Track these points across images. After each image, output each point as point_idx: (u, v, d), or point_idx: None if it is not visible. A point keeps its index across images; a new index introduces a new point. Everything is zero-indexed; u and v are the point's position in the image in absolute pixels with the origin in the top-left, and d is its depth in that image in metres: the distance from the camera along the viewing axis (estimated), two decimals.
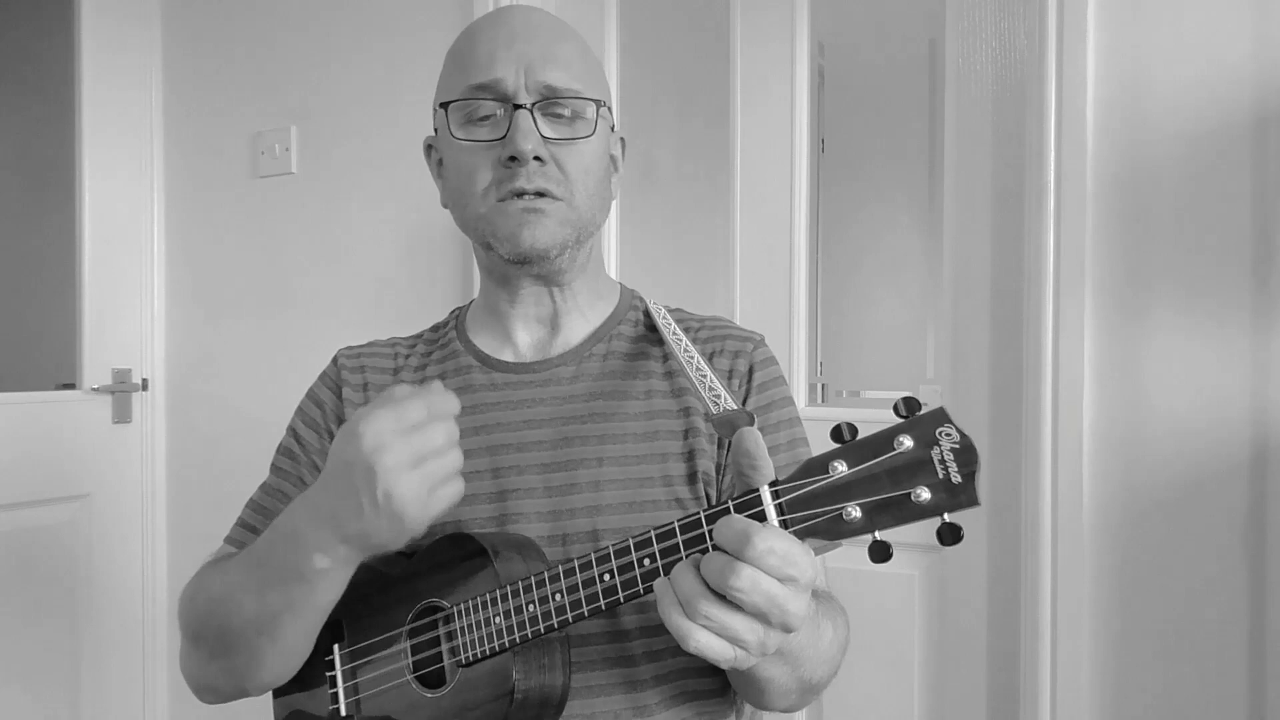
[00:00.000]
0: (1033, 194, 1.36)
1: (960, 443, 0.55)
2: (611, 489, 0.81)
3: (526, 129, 0.80)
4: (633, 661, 0.80)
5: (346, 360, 0.94)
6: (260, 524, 0.90)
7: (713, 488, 0.84)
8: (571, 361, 0.88)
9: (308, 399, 0.94)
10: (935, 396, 1.63)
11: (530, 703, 0.71)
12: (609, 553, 0.65)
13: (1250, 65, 1.23)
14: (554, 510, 0.81)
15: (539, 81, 0.82)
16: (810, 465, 0.59)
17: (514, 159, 0.81)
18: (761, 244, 1.71)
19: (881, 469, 0.57)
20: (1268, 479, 1.22)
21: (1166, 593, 1.27)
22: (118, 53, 2.08)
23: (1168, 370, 1.27)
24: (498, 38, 0.84)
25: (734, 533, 0.57)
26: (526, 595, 0.69)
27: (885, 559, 0.57)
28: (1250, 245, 1.23)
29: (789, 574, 0.56)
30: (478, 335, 0.93)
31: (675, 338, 0.86)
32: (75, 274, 2.05)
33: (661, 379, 0.87)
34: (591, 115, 0.85)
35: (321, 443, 0.91)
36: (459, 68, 0.85)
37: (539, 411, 0.86)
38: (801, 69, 1.68)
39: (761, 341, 0.91)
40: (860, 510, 0.57)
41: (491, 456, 0.84)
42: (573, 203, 0.84)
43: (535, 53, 0.83)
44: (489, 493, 0.83)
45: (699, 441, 0.84)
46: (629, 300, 0.94)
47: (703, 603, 0.57)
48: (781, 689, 0.73)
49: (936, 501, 0.55)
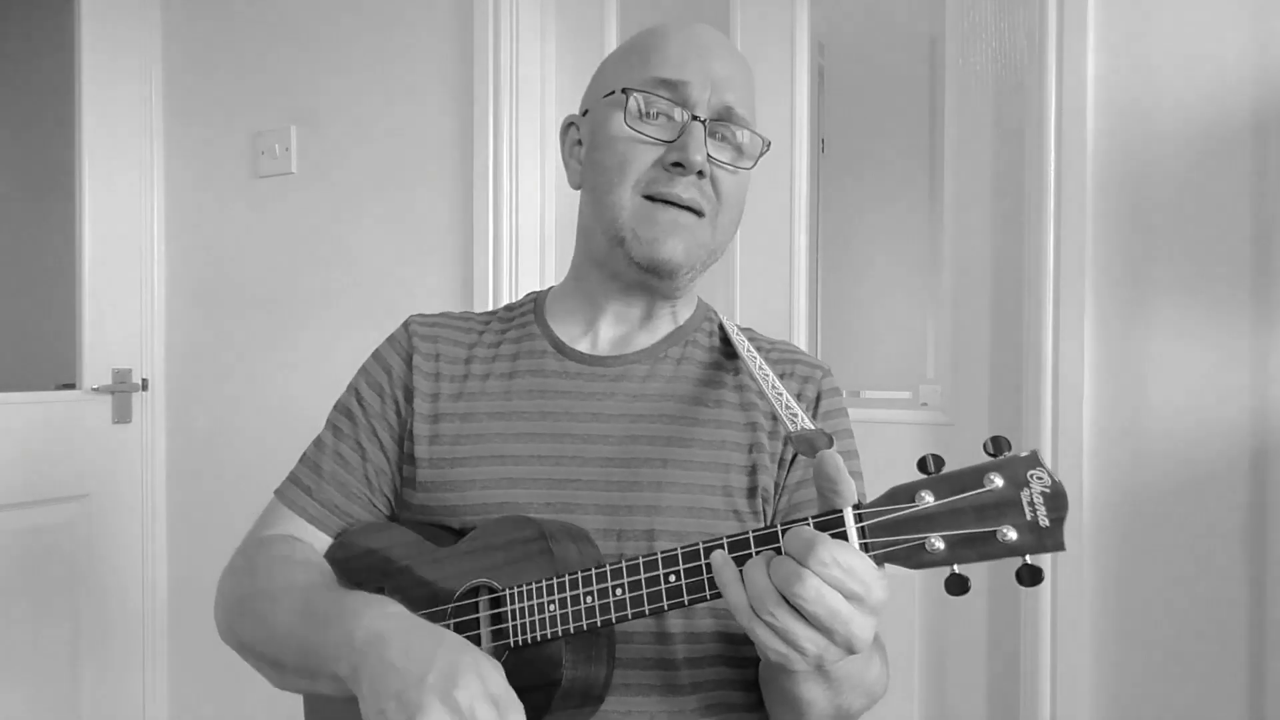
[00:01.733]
0: (1033, 194, 1.36)
1: (1051, 487, 0.56)
2: (672, 492, 0.81)
3: (699, 142, 0.81)
4: (673, 665, 0.80)
5: (420, 328, 0.93)
6: (316, 486, 0.89)
7: (770, 505, 0.84)
8: (646, 361, 0.89)
9: (374, 361, 0.93)
10: (935, 396, 1.63)
11: (574, 692, 0.71)
12: (677, 554, 0.65)
13: (1250, 65, 1.23)
14: (612, 505, 0.81)
15: (722, 101, 0.83)
16: (896, 493, 0.59)
17: (679, 165, 0.81)
18: (761, 244, 1.71)
19: (968, 504, 0.57)
20: (1268, 478, 1.22)
21: (1166, 592, 1.27)
22: (118, 53, 2.08)
23: (1167, 370, 1.27)
24: (691, 45, 0.85)
25: (802, 541, 0.57)
26: (585, 586, 0.69)
27: (963, 591, 0.58)
28: (1250, 245, 1.23)
29: (852, 589, 0.57)
30: (557, 321, 0.93)
31: (750, 354, 0.87)
32: (75, 274, 2.05)
33: (732, 391, 0.88)
34: (757, 150, 0.86)
35: (384, 408, 0.90)
36: (642, 59, 0.85)
37: (608, 406, 0.86)
38: (801, 69, 1.68)
39: (829, 371, 0.92)
40: (944, 543, 0.57)
41: (556, 443, 0.84)
42: (716, 225, 0.85)
43: (723, 73, 0.84)
44: (548, 479, 0.83)
45: (762, 458, 0.84)
46: (704, 311, 0.95)
47: (770, 602, 0.58)
48: (819, 713, 0.73)
49: (1022, 542, 0.56)
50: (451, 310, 0.98)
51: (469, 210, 1.75)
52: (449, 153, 1.78)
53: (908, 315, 2.48)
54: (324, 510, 0.88)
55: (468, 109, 1.74)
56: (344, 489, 0.88)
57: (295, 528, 0.88)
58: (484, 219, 1.71)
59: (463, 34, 1.75)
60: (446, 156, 1.79)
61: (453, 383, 0.89)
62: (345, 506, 0.88)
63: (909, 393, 2.01)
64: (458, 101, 1.76)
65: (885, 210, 2.52)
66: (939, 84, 1.63)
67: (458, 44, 1.76)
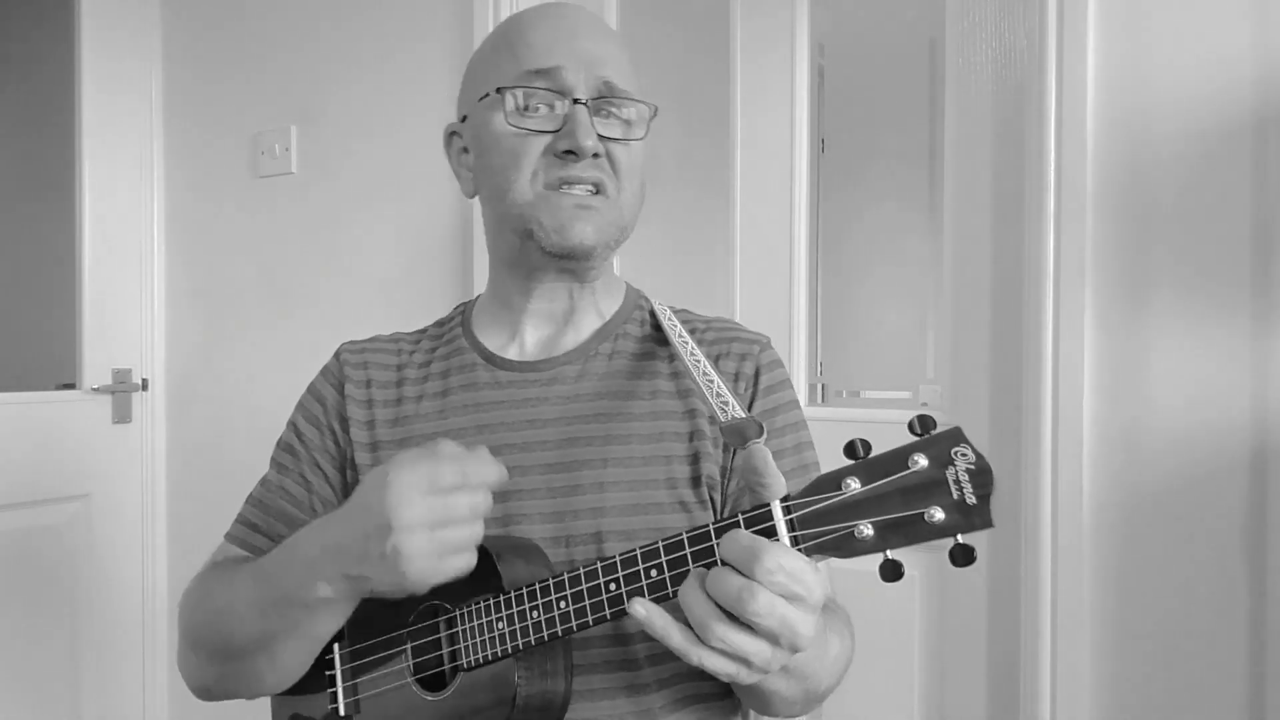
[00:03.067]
0: (1033, 194, 1.36)
1: (976, 464, 0.55)
2: (616, 491, 0.81)
3: (587, 125, 0.80)
4: (636, 665, 0.79)
5: (350, 355, 0.92)
6: (261, 520, 0.89)
7: (717, 491, 0.83)
8: (577, 360, 0.88)
9: (309, 394, 0.93)
10: (935, 396, 1.63)
11: (532, 708, 0.71)
12: (615, 563, 0.65)
13: (1250, 65, 1.23)
14: (557, 511, 0.81)
15: (599, 78, 0.82)
16: (822, 482, 0.58)
17: (570, 153, 0.80)
18: (761, 244, 1.71)
19: (895, 488, 0.56)
20: (1268, 479, 1.21)
21: (1166, 592, 1.27)
22: (118, 53, 2.08)
23: (1168, 370, 1.27)
24: (557, 29, 0.84)
25: (741, 548, 0.56)
26: (531, 601, 0.69)
27: (896, 578, 0.57)
28: (1250, 245, 1.23)
29: (796, 592, 0.56)
30: (483, 332, 0.92)
31: (681, 340, 0.85)
32: (75, 274, 2.05)
33: (667, 379, 0.87)
34: (645, 118, 0.85)
35: (323, 440, 0.90)
36: (510, 54, 0.84)
37: (543, 411, 0.85)
38: (801, 69, 1.68)
39: (768, 344, 0.90)
40: (872, 529, 0.56)
41: (494, 456, 0.84)
42: (619, 201, 0.84)
43: (595, 50, 0.83)
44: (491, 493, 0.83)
45: (704, 445, 0.83)
46: (634, 299, 0.94)
47: (718, 626, 0.57)
48: (786, 700, 0.73)
49: (951, 522, 0.55)
50: (382, 333, 0.97)
51: (469, 210, 1.75)
52: (444, 150, 1.78)
53: (908, 315, 2.49)
54: (272, 544, 0.87)
55: None
56: (291, 523, 0.87)
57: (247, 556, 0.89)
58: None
59: (463, 33, 1.75)
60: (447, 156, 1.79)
61: (386, 408, 0.89)
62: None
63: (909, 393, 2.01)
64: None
65: (885, 210, 2.52)
66: (939, 84, 1.63)
67: (458, 43, 1.76)
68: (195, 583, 0.86)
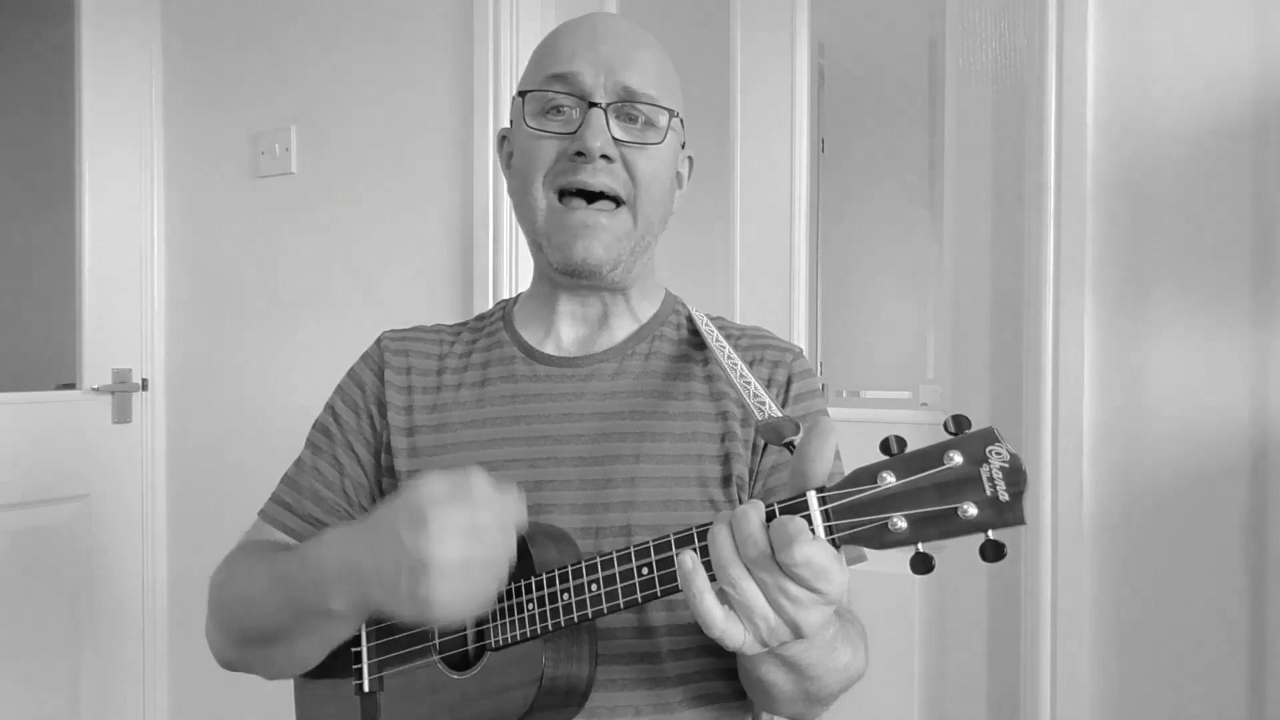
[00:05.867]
0: (1033, 194, 1.36)
1: (1010, 462, 0.56)
2: (647, 486, 0.82)
3: (598, 127, 0.81)
4: (658, 659, 0.80)
5: (391, 343, 0.94)
6: (293, 500, 0.90)
7: (745, 492, 0.85)
8: (613, 359, 0.89)
9: (348, 378, 0.94)
10: (935, 396, 1.63)
11: (556, 690, 0.72)
12: (649, 547, 0.66)
13: (1250, 65, 1.23)
14: (589, 504, 0.82)
15: (617, 83, 0.83)
16: (858, 475, 0.59)
17: (580, 154, 0.81)
18: (761, 244, 1.71)
19: (929, 483, 0.57)
20: (1268, 479, 1.22)
21: (1166, 592, 1.27)
22: (118, 53, 2.08)
23: (1168, 370, 1.27)
24: (580, 37, 0.85)
25: (782, 535, 0.57)
26: (562, 584, 0.70)
27: (927, 570, 0.58)
28: (1250, 245, 1.23)
29: (818, 588, 0.58)
30: (524, 326, 0.93)
31: (718, 344, 0.87)
32: (75, 274, 2.04)
33: (702, 382, 0.88)
34: (663, 123, 0.86)
35: (359, 424, 0.91)
36: (538, 61, 0.87)
37: (579, 405, 0.87)
38: (801, 69, 1.68)
39: (800, 354, 0.92)
40: (906, 522, 0.57)
41: (529, 446, 0.85)
42: (635, 208, 0.85)
43: (616, 55, 0.84)
44: (524, 481, 0.83)
45: (735, 446, 0.84)
46: (672, 304, 0.96)
47: (734, 568, 0.59)
48: (786, 696, 0.74)
49: (984, 518, 0.56)
50: (424, 324, 0.99)
51: (469, 210, 1.75)
52: (449, 153, 1.78)
53: (908, 315, 2.49)
54: (304, 524, 0.89)
55: (468, 108, 1.74)
56: (323, 503, 0.89)
57: (276, 542, 0.90)
58: (484, 219, 1.71)
59: (463, 33, 1.75)
60: (447, 156, 1.79)
61: (425, 394, 0.90)
62: (325, 519, 0.89)
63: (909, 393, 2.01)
64: (458, 101, 1.76)
65: (885, 210, 2.52)
66: (939, 84, 1.64)
67: (459, 43, 1.76)
68: (225, 562, 0.87)
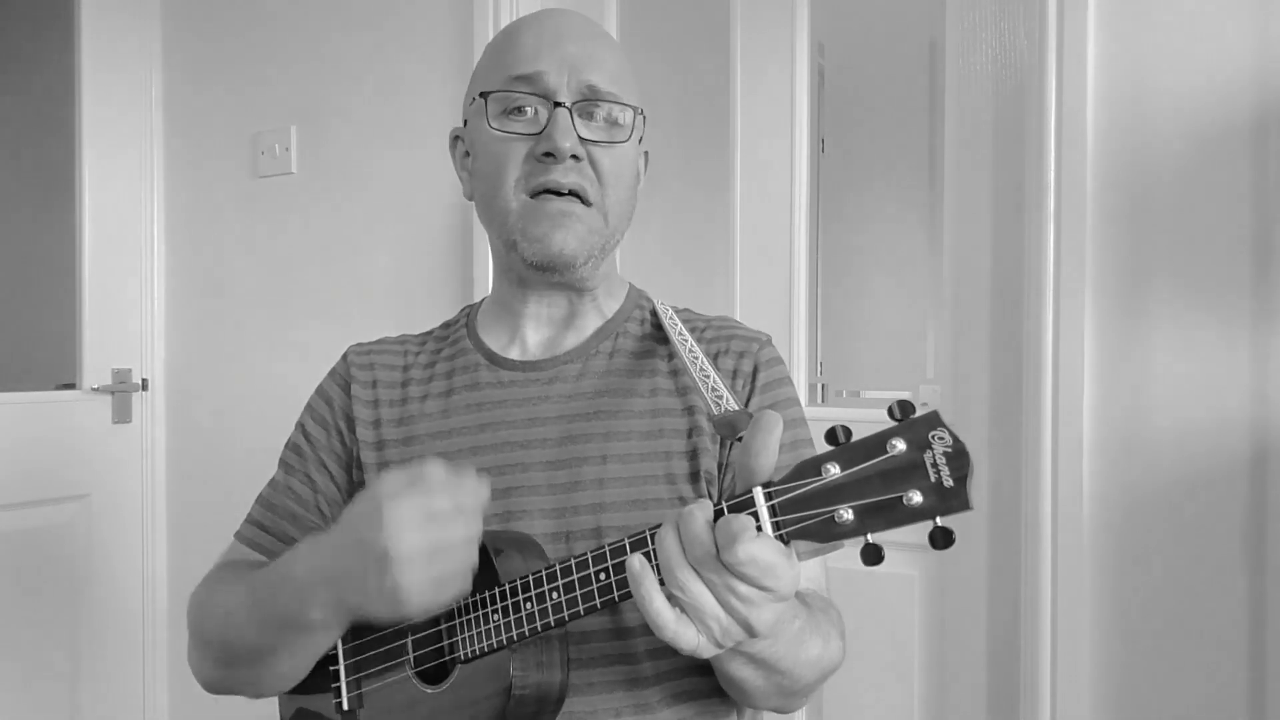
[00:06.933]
0: (1033, 194, 1.36)
1: (953, 447, 0.55)
2: (615, 487, 0.82)
3: (566, 127, 0.81)
4: (634, 659, 0.80)
5: (356, 357, 0.94)
6: (269, 520, 0.91)
7: (714, 486, 0.84)
8: (577, 359, 0.89)
9: (317, 395, 0.95)
10: (935, 396, 1.63)
11: (528, 699, 0.72)
12: (605, 552, 0.66)
13: (1251, 65, 1.23)
14: (558, 508, 0.82)
15: (582, 81, 0.83)
16: (803, 467, 0.58)
17: (549, 155, 0.81)
18: (761, 244, 1.71)
19: (874, 471, 0.56)
20: (1268, 479, 1.22)
21: (1166, 592, 1.27)
22: (118, 53, 2.08)
23: (1168, 370, 1.27)
24: (543, 34, 0.84)
25: (725, 534, 0.57)
26: (524, 594, 0.70)
27: (877, 561, 0.57)
28: (1250, 245, 1.23)
29: (766, 585, 0.57)
30: (487, 333, 0.93)
31: (681, 337, 0.86)
32: (75, 274, 2.04)
33: (666, 377, 0.87)
34: (628, 121, 0.86)
35: (329, 440, 0.91)
36: (499, 60, 0.86)
37: (544, 409, 0.86)
38: (801, 69, 1.68)
39: (768, 341, 0.91)
40: (852, 513, 0.56)
41: (496, 454, 0.85)
42: (604, 206, 0.84)
43: (579, 53, 0.83)
44: (493, 489, 0.83)
45: (702, 440, 0.84)
46: (635, 299, 0.95)
47: (682, 572, 0.58)
48: (760, 690, 0.73)
49: (929, 505, 0.55)
50: (390, 335, 0.98)
51: (469, 210, 1.75)
52: (449, 153, 1.78)
53: (908, 315, 2.49)
54: (279, 544, 0.89)
55: None
56: (298, 522, 0.89)
57: (252, 561, 0.90)
58: None
59: (463, 33, 1.75)
60: (447, 156, 1.79)
61: (392, 407, 0.90)
62: (300, 538, 0.87)
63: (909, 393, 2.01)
64: (458, 101, 1.76)
65: (885, 210, 2.52)
66: (939, 84, 1.64)
67: (458, 43, 1.76)
68: (203, 583, 0.87)
